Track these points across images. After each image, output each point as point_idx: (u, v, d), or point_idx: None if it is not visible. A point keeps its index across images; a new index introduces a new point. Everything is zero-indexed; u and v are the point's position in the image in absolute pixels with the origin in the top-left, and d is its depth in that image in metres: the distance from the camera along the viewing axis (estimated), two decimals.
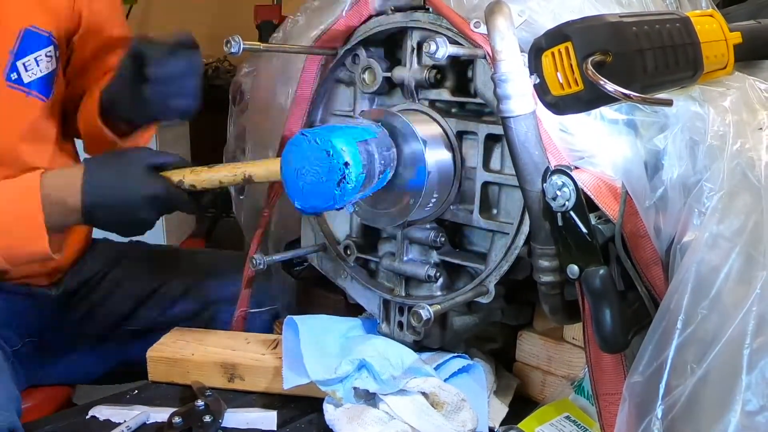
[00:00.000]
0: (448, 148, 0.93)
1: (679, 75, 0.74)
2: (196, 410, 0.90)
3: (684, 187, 0.72)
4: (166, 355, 1.03)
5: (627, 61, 0.69)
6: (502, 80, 0.78)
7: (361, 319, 1.07)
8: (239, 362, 1.00)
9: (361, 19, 1.00)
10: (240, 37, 0.92)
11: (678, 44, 0.73)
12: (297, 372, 0.93)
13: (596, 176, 0.79)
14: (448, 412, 0.88)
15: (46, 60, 1.16)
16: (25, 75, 1.14)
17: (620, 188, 0.77)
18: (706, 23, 0.78)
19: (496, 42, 0.78)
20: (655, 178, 0.75)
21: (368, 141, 0.82)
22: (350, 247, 1.06)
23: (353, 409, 0.88)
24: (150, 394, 1.00)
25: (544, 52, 0.71)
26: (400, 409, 0.87)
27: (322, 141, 0.79)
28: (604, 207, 0.77)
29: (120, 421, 0.90)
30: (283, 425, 0.92)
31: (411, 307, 0.95)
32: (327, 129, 0.82)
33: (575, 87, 0.70)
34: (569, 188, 0.76)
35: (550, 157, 0.80)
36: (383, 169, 0.84)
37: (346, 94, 1.07)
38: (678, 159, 0.73)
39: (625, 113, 0.80)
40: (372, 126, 0.85)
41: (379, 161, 0.83)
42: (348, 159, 0.78)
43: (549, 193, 0.77)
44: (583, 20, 0.71)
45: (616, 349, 0.75)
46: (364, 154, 0.80)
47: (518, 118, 0.78)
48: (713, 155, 0.70)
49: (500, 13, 0.78)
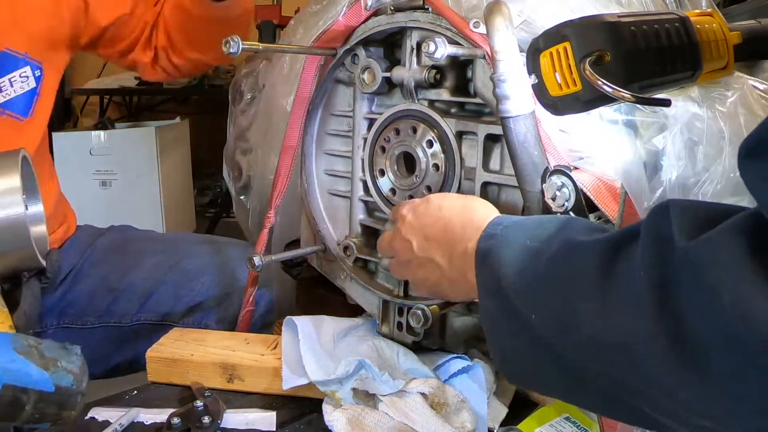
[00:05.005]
0: None
1: (678, 75, 0.74)
2: (195, 411, 0.90)
3: (683, 187, 0.72)
4: (165, 356, 1.03)
5: (625, 62, 0.68)
6: (501, 80, 0.78)
7: (360, 319, 1.07)
8: (239, 363, 1.00)
9: (360, 19, 1.00)
10: (239, 37, 0.91)
11: (677, 44, 0.73)
12: (296, 373, 0.93)
13: (595, 177, 0.78)
14: (448, 413, 0.88)
15: (20, 80, 1.20)
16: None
17: (619, 189, 0.77)
18: (705, 23, 0.78)
19: (496, 42, 0.77)
20: (654, 178, 0.75)
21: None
22: (350, 247, 1.06)
23: (352, 410, 0.88)
24: (149, 394, 1.00)
25: (542, 52, 0.71)
26: (400, 410, 0.87)
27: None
28: (604, 207, 0.77)
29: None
30: (282, 426, 0.91)
31: (410, 308, 0.95)
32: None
33: (573, 87, 0.70)
34: (568, 188, 0.76)
35: (549, 158, 0.80)
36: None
37: (345, 94, 1.07)
38: (677, 159, 0.73)
39: (625, 113, 0.80)
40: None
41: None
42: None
43: (548, 193, 0.77)
44: (581, 20, 0.71)
45: None
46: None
47: (518, 119, 0.78)
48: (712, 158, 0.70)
49: (499, 13, 0.77)
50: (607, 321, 0.55)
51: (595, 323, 0.56)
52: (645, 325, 0.51)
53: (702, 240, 0.50)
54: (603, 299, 0.55)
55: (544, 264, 0.63)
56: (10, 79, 1.19)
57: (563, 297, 0.59)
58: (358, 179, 1.05)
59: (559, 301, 0.60)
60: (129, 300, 1.32)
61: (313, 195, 1.11)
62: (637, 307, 0.52)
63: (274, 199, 1.10)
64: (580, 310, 0.57)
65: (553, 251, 0.62)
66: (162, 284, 1.32)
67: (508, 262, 0.66)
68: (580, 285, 0.58)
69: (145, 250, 1.38)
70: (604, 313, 0.55)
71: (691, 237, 0.51)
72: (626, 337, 0.53)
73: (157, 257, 1.36)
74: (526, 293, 0.63)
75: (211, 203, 3.97)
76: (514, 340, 0.66)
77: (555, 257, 0.62)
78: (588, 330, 0.56)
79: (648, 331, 0.51)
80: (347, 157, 1.06)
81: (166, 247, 1.39)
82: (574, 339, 0.58)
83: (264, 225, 1.11)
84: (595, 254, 0.58)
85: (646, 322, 0.51)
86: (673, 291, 0.50)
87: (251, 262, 1.04)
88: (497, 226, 0.72)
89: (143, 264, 1.35)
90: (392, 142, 1.00)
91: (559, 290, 0.60)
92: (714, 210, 0.54)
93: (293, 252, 1.13)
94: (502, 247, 0.68)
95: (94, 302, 1.32)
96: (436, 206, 0.83)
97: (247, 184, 1.42)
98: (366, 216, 1.07)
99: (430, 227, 0.82)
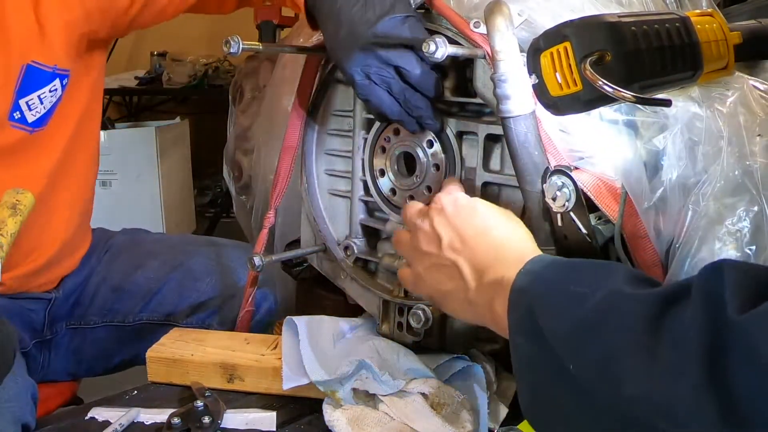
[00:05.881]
0: None
1: (679, 75, 0.74)
2: (195, 411, 0.90)
3: (684, 187, 0.72)
4: (165, 356, 1.03)
5: (626, 62, 0.68)
6: (501, 80, 0.78)
7: (360, 319, 1.07)
8: (239, 363, 1.00)
9: None
10: (239, 37, 0.91)
11: (677, 44, 0.73)
12: (297, 373, 0.93)
13: (596, 177, 0.78)
14: (448, 413, 0.88)
15: (50, 96, 1.12)
16: (29, 114, 1.11)
17: (620, 189, 0.77)
18: (706, 23, 0.78)
19: (496, 42, 0.77)
20: (654, 178, 0.75)
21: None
22: (350, 247, 1.06)
23: (353, 410, 0.88)
24: (149, 394, 1.00)
25: (543, 52, 0.71)
26: (400, 410, 0.87)
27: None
28: (604, 207, 0.77)
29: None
30: (282, 426, 0.91)
31: (410, 308, 0.95)
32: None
33: (574, 87, 0.70)
34: (569, 189, 0.76)
35: (549, 158, 0.80)
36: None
37: (345, 94, 1.07)
38: (677, 159, 0.73)
39: (625, 113, 0.80)
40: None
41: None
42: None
43: (549, 193, 0.77)
44: (581, 20, 0.71)
45: None
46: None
47: (518, 119, 0.78)
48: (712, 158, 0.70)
49: (500, 13, 0.77)
50: (654, 379, 0.53)
51: (641, 379, 0.54)
52: (694, 390, 0.50)
53: (757, 313, 0.48)
54: (649, 355, 0.53)
55: (589, 311, 0.60)
56: (40, 96, 1.11)
57: (607, 347, 0.57)
58: (359, 179, 1.05)
59: (602, 350, 0.57)
60: (133, 299, 1.32)
61: (314, 195, 1.11)
62: (687, 369, 0.50)
63: (274, 200, 1.10)
64: (625, 364, 0.55)
65: (599, 298, 0.60)
66: (166, 283, 1.33)
67: (549, 303, 0.63)
68: (626, 336, 0.56)
69: (151, 251, 1.38)
70: (650, 369, 0.53)
71: (743, 308, 0.49)
72: (673, 399, 0.51)
73: (162, 257, 1.36)
74: (568, 339, 0.60)
75: (211, 203, 3.98)
76: (548, 384, 0.63)
77: (601, 305, 0.59)
78: (632, 385, 0.54)
79: (697, 396, 0.49)
80: (347, 157, 1.06)
81: (172, 249, 1.39)
82: (616, 392, 0.55)
83: (264, 225, 1.12)
84: (644, 306, 0.56)
85: (695, 387, 0.50)
86: (723, 360, 0.48)
87: (251, 262, 1.04)
88: (538, 264, 0.69)
89: (148, 264, 1.35)
90: (392, 142, 1.00)
91: (604, 339, 0.57)
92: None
93: (293, 252, 1.12)
94: (543, 287, 0.65)
95: (99, 302, 1.33)
96: (482, 216, 0.78)
97: (247, 184, 1.42)
98: (366, 216, 1.07)
99: (470, 233, 0.76)
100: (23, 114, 1.10)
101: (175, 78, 3.78)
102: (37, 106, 1.11)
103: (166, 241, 1.46)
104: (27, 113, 1.11)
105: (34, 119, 1.12)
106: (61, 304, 1.30)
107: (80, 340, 1.33)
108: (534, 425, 0.69)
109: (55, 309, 1.29)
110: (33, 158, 1.16)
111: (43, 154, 1.17)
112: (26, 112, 1.10)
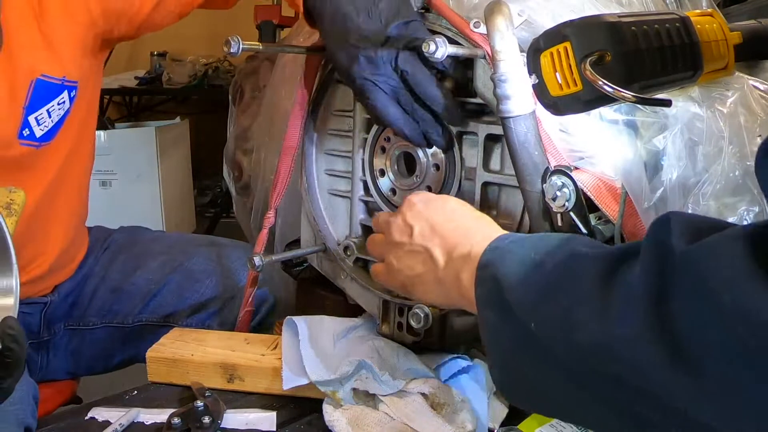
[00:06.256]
0: None
1: (679, 75, 0.74)
2: (195, 411, 0.90)
3: (683, 187, 0.72)
4: (165, 356, 1.02)
5: (626, 62, 0.68)
6: (501, 80, 0.78)
7: (360, 319, 1.07)
8: (239, 363, 1.00)
9: None
10: (239, 37, 0.91)
11: (677, 44, 0.73)
12: (296, 373, 0.93)
13: (596, 177, 0.78)
14: (448, 413, 0.88)
15: (57, 109, 1.12)
16: (37, 129, 1.10)
17: (620, 189, 0.77)
18: (706, 23, 0.78)
19: (496, 42, 0.77)
20: (654, 178, 0.75)
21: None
22: (350, 247, 1.06)
23: (353, 410, 0.88)
24: (149, 394, 1.00)
25: (543, 52, 0.71)
26: (400, 410, 0.87)
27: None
28: (604, 207, 0.77)
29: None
30: (282, 426, 0.91)
31: (410, 308, 0.95)
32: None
33: (574, 87, 0.70)
34: (569, 189, 0.76)
35: (549, 158, 0.80)
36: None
37: (345, 94, 1.07)
38: (677, 160, 0.73)
39: (625, 114, 0.80)
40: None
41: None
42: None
43: (549, 193, 0.77)
44: (581, 20, 0.71)
45: None
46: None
47: (518, 119, 0.78)
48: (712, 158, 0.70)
49: (500, 13, 0.77)
50: (604, 325, 0.55)
51: (593, 327, 0.56)
52: (641, 330, 0.51)
53: (702, 243, 0.50)
54: (601, 303, 0.55)
55: (547, 273, 0.62)
56: (49, 109, 1.10)
57: (563, 302, 0.59)
58: (359, 179, 1.05)
59: (558, 306, 0.59)
60: (132, 300, 1.32)
61: (314, 195, 1.11)
62: (634, 312, 0.52)
63: (274, 200, 1.10)
64: (579, 314, 0.57)
65: (556, 261, 0.62)
66: (165, 285, 1.32)
67: (511, 272, 0.65)
68: (579, 290, 0.58)
69: (150, 251, 1.38)
70: (602, 316, 0.55)
71: (690, 243, 0.51)
72: (623, 341, 0.53)
73: (161, 258, 1.35)
74: (528, 302, 0.63)
75: (211, 203, 3.98)
76: (515, 351, 0.65)
77: (557, 266, 0.62)
78: (584, 333, 0.56)
79: (644, 336, 0.51)
80: (347, 157, 1.06)
81: (171, 249, 1.38)
82: (572, 342, 0.58)
83: (264, 225, 1.12)
84: (597, 263, 0.58)
85: (642, 327, 0.51)
86: (670, 296, 0.50)
87: (251, 262, 1.04)
88: (504, 240, 0.71)
89: (147, 265, 1.34)
90: (392, 142, 1.00)
91: (560, 296, 0.60)
92: (715, 222, 0.54)
93: (293, 252, 1.12)
94: (506, 257, 0.67)
95: (98, 303, 1.33)
96: (452, 207, 0.81)
97: (247, 184, 1.42)
98: (366, 216, 1.07)
99: (440, 220, 0.79)
100: (32, 130, 1.10)
101: (175, 78, 3.79)
102: (45, 120, 1.11)
103: (165, 239, 1.45)
104: (35, 128, 1.10)
105: (42, 134, 1.11)
106: (57, 306, 1.30)
107: (79, 341, 1.33)
108: (510, 399, 0.73)
109: (51, 311, 1.29)
110: (36, 170, 1.16)
111: (46, 165, 1.17)
112: (35, 128, 1.10)
